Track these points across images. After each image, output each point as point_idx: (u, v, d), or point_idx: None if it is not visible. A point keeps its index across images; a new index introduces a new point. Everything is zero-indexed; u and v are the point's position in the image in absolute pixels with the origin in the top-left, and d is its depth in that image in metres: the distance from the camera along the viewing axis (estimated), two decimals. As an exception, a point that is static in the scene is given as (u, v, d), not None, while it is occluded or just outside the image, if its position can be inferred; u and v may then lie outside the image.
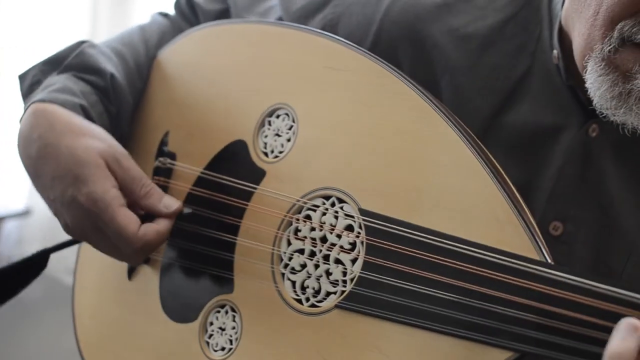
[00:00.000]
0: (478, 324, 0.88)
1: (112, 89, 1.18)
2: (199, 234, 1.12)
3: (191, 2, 1.31)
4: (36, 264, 1.14)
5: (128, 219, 1.06)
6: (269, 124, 1.10)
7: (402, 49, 1.09)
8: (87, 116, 1.13)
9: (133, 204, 1.08)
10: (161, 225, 1.10)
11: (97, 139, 1.08)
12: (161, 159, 1.16)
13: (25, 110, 1.11)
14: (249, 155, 1.10)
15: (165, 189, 1.17)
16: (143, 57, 1.23)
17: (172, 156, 1.17)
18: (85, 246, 1.26)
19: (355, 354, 0.95)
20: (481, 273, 0.88)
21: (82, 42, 1.20)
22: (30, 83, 1.20)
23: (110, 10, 2.71)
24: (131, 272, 1.20)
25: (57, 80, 1.15)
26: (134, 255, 1.09)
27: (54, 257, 2.57)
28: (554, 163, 1.04)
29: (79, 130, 1.08)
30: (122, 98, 1.20)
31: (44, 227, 2.73)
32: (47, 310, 2.77)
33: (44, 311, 2.79)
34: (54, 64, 1.20)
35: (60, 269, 2.65)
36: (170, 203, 1.11)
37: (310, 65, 1.08)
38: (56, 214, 1.09)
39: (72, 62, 1.17)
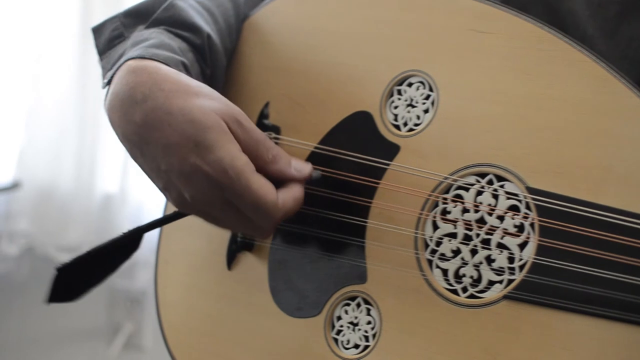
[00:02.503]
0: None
1: (209, 50, 1.05)
2: (317, 217, 1.00)
3: None
4: (128, 244, 1.00)
5: (266, 188, 0.92)
6: (399, 93, 0.99)
7: (533, 13, 0.97)
8: (188, 75, 0.99)
9: (259, 170, 0.94)
10: (297, 191, 0.97)
11: (212, 99, 0.94)
12: (265, 132, 1.03)
13: (119, 67, 0.96)
14: (376, 128, 0.98)
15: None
16: (233, 18, 1.10)
17: (277, 130, 1.05)
18: (169, 234, 1.13)
19: (533, 350, 0.86)
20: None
21: None
22: (109, 37, 1.06)
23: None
24: (231, 261, 1.07)
25: (150, 35, 1.02)
26: (270, 227, 0.96)
27: (44, 235, 2.44)
28: None
29: (191, 89, 0.94)
30: (217, 59, 1.07)
31: (34, 200, 2.57)
32: (37, 288, 2.62)
33: (34, 290, 2.63)
34: (139, 17, 1.06)
35: (51, 246, 2.51)
36: (302, 166, 0.98)
37: (450, 28, 0.97)
38: (166, 187, 0.95)
39: (162, 15, 1.04)
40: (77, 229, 2.56)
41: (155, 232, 1.14)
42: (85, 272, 1.00)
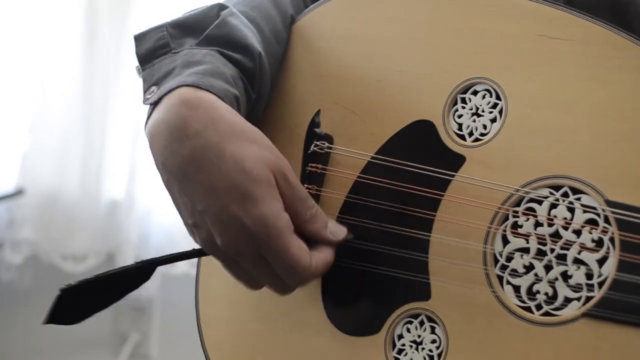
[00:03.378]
0: None
1: (259, 72, 1.02)
2: (375, 230, 0.96)
3: None
4: (140, 275, 0.96)
5: (301, 251, 0.91)
6: (463, 101, 0.95)
7: (600, 16, 0.94)
8: (238, 109, 0.96)
9: (296, 226, 0.93)
10: (328, 255, 0.95)
11: (263, 147, 0.92)
12: (318, 142, 0.99)
13: (170, 91, 0.92)
14: (439, 137, 0.94)
15: (322, 177, 0.99)
16: (280, 25, 1.06)
17: (329, 139, 1.01)
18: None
19: (615, 370, 0.81)
20: None
21: (220, 7, 1.02)
22: (153, 47, 1.00)
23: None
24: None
25: (204, 58, 0.97)
26: (295, 287, 0.96)
27: (49, 243, 2.39)
28: None
29: (244, 134, 0.91)
30: (264, 82, 1.03)
31: (38, 207, 2.53)
32: (41, 297, 2.57)
33: (38, 299, 2.58)
34: (187, 30, 1.01)
35: (56, 254, 2.47)
36: (337, 231, 0.96)
37: (518, 34, 0.93)
38: (196, 225, 0.92)
39: (215, 33, 1.00)
40: (82, 236, 2.52)
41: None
42: (90, 296, 0.96)
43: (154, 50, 1.00)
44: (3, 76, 2.59)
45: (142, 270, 0.98)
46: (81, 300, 0.95)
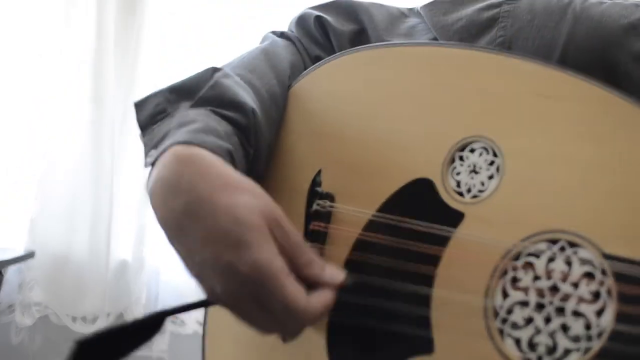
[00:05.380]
0: None
1: (254, 128, 1.04)
2: (377, 286, 0.97)
3: (321, 21, 1.17)
4: (151, 326, 0.97)
5: (297, 292, 0.92)
6: (461, 159, 0.97)
7: (593, 76, 0.96)
8: (232, 163, 0.99)
9: (293, 272, 0.93)
10: (327, 297, 0.96)
11: (254, 196, 0.93)
12: (320, 201, 1.01)
13: (164, 150, 0.95)
14: (438, 195, 0.97)
15: (325, 235, 1.01)
16: (277, 87, 1.09)
17: (331, 197, 1.03)
18: (216, 308, 1.10)
19: (615, 421, 0.82)
20: None
21: (213, 70, 1.05)
22: (152, 113, 1.04)
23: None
24: (287, 333, 1.04)
25: (197, 117, 1.00)
26: (298, 330, 0.95)
27: (59, 305, 2.40)
28: None
29: (235, 184, 0.93)
30: (261, 138, 1.06)
31: (47, 269, 2.54)
32: (52, 359, 2.59)
33: (48, 360, 2.60)
34: (183, 93, 1.05)
35: (66, 315, 2.48)
36: (335, 273, 0.97)
37: (514, 93, 0.95)
38: (199, 277, 0.93)
39: (208, 94, 1.03)
40: (92, 297, 2.53)
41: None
42: (103, 349, 0.97)
43: (153, 116, 1.04)
44: (10, 140, 2.62)
45: (153, 322, 0.99)
46: (94, 353, 0.97)
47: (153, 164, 0.98)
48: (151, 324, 0.99)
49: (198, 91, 1.05)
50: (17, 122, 2.60)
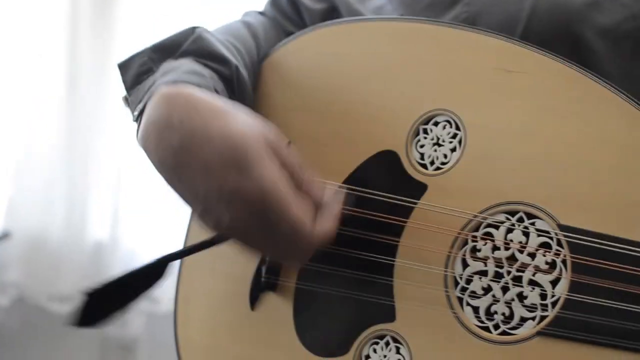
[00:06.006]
0: None
1: (237, 81, 1.06)
2: (343, 256, 0.99)
3: (294, 0, 1.18)
4: (153, 273, 0.99)
5: (304, 215, 0.91)
6: (425, 132, 0.99)
7: (554, 51, 0.99)
8: None
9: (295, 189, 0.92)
10: (332, 220, 0.95)
11: (249, 120, 0.92)
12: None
13: (151, 94, 0.95)
14: (403, 167, 0.99)
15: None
16: (256, 56, 1.11)
17: (300, 170, 1.04)
18: (189, 273, 1.13)
19: (568, 385, 0.85)
20: None
21: (195, 27, 1.07)
22: (137, 72, 1.05)
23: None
24: (254, 301, 1.07)
25: (181, 64, 1.01)
26: (309, 251, 0.94)
27: (35, 285, 2.41)
28: None
29: (226, 111, 0.92)
30: (245, 92, 1.07)
31: (24, 250, 2.55)
32: (28, 339, 2.60)
33: (25, 341, 2.61)
34: (167, 51, 1.06)
35: (43, 296, 2.49)
36: (337, 192, 0.97)
37: (477, 66, 0.98)
38: (205, 211, 0.92)
39: (190, 47, 1.05)
40: (68, 277, 2.55)
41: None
42: (111, 298, 0.99)
43: (139, 75, 1.05)
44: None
45: (157, 267, 0.99)
46: (103, 302, 0.99)
47: (141, 115, 0.98)
48: (156, 270, 1.00)
49: (181, 47, 1.06)
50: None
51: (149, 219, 2.57)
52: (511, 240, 0.92)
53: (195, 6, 2.66)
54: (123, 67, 1.06)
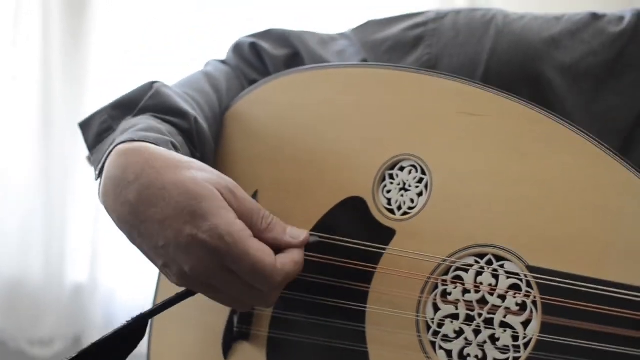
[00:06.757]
0: None
1: (197, 133, 1.06)
2: (314, 303, 1.00)
3: (256, 47, 1.19)
4: (134, 332, 0.98)
5: (263, 251, 0.92)
6: (391, 177, 0.99)
7: (515, 91, 0.99)
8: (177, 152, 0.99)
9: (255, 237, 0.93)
10: (295, 255, 0.96)
11: (203, 170, 0.94)
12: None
13: (109, 153, 0.96)
14: (370, 213, 0.99)
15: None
16: (217, 107, 1.11)
17: (268, 219, 1.04)
18: (162, 326, 1.12)
19: None
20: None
21: (153, 83, 1.07)
22: (98, 131, 1.06)
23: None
24: (227, 351, 1.07)
25: (139, 121, 1.02)
26: (272, 293, 0.95)
27: (15, 329, 2.39)
28: None
29: (182, 164, 0.94)
30: (206, 143, 1.08)
31: (2, 294, 2.55)
32: (10, 385, 2.58)
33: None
34: (126, 108, 1.07)
35: (23, 340, 2.47)
36: (297, 233, 0.97)
37: (439, 111, 0.98)
38: (166, 264, 0.93)
39: (149, 103, 1.05)
40: (48, 320, 2.53)
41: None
42: None
43: (99, 134, 1.06)
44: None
45: (135, 327, 0.99)
46: None
47: (102, 173, 0.98)
48: (134, 330, 0.99)
49: (139, 103, 1.07)
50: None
51: (129, 258, 2.56)
52: (481, 283, 0.92)
53: (168, 35, 2.67)
54: (84, 126, 1.07)
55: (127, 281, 2.55)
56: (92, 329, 2.57)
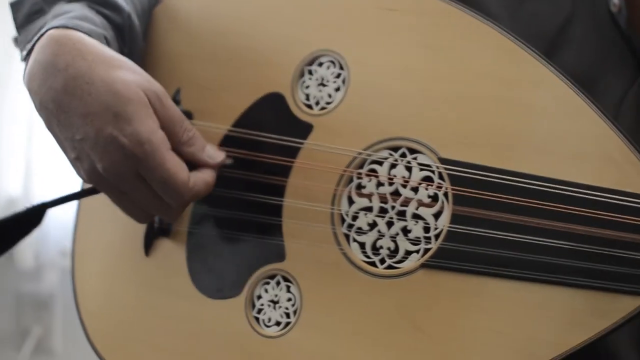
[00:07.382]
0: (602, 271, 0.82)
1: (129, 29, 1.05)
2: (233, 198, 1.00)
3: None
4: (30, 219, 0.99)
5: (178, 166, 0.93)
6: (310, 73, 1.00)
7: None
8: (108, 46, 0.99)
9: (173, 149, 0.94)
10: (208, 176, 0.97)
11: (134, 72, 0.94)
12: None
13: (40, 36, 0.95)
14: (289, 108, 1.00)
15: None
16: (147, 4, 1.10)
17: (189, 115, 1.05)
18: (85, 228, 1.13)
19: (451, 315, 0.88)
20: (600, 216, 0.83)
21: None
22: (28, 12, 1.04)
23: None
24: (148, 248, 1.07)
25: (72, 8, 1.00)
26: (178, 208, 0.96)
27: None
28: None
29: (114, 62, 0.94)
30: (136, 40, 1.07)
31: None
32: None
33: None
34: None
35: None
36: (215, 154, 0.98)
37: (358, 7, 0.99)
38: (79, 158, 0.93)
39: None
40: (-20, 234, 2.50)
41: (69, 231, 1.13)
42: None
43: (30, 14, 1.04)
44: None
45: (33, 214, 1.00)
46: None
47: (29, 55, 0.97)
48: (32, 217, 1.00)
49: None
50: None
51: (63, 171, 2.54)
52: (395, 176, 0.93)
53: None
54: (15, 5, 1.06)
55: (61, 194, 2.53)
56: (24, 243, 2.54)
